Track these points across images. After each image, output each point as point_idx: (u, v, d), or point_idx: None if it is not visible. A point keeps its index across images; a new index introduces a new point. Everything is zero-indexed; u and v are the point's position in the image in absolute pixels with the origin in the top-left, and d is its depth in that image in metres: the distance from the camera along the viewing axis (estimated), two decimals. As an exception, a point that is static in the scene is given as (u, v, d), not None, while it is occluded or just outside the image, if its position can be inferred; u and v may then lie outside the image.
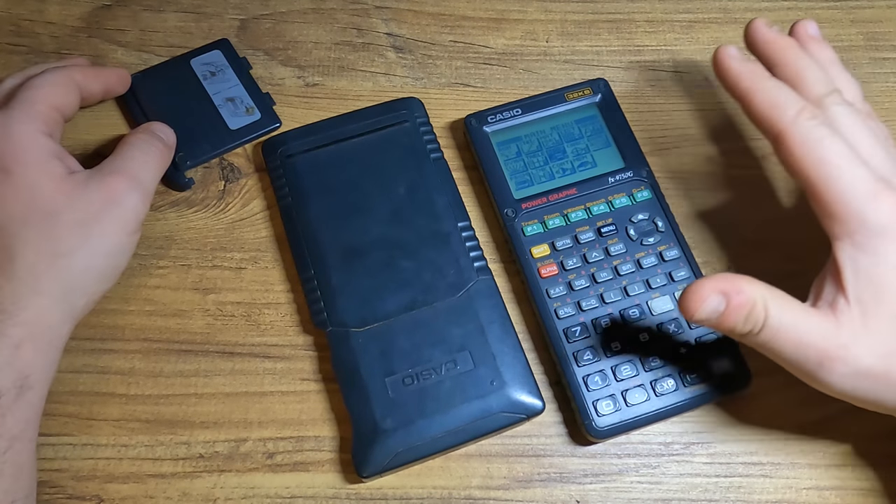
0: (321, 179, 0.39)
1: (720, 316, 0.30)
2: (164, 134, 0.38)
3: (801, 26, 0.37)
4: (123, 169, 0.35)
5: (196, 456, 0.35)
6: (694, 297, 0.29)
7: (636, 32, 0.47)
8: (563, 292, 0.37)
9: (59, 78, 0.36)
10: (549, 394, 0.37)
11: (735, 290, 0.29)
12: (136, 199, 0.34)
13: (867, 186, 0.30)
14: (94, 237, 0.33)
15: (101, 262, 0.34)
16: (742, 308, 0.29)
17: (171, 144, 0.39)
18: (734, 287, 0.29)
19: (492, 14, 0.47)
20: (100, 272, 0.34)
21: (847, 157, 0.30)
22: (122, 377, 0.37)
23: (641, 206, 0.39)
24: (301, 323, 0.38)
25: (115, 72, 0.41)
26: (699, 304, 0.29)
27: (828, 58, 0.35)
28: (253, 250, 0.40)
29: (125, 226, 0.34)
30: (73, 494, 0.34)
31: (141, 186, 0.35)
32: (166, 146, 0.38)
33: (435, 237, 0.38)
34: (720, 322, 0.30)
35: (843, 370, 0.29)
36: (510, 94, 0.44)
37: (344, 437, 0.36)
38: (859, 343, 0.29)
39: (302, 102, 0.44)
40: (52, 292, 0.32)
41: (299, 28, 0.46)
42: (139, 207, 0.34)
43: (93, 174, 0.34)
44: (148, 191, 0.35)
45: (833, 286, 0.30)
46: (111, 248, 0.34)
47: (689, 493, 0.35)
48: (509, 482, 0.35)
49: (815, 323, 0.29)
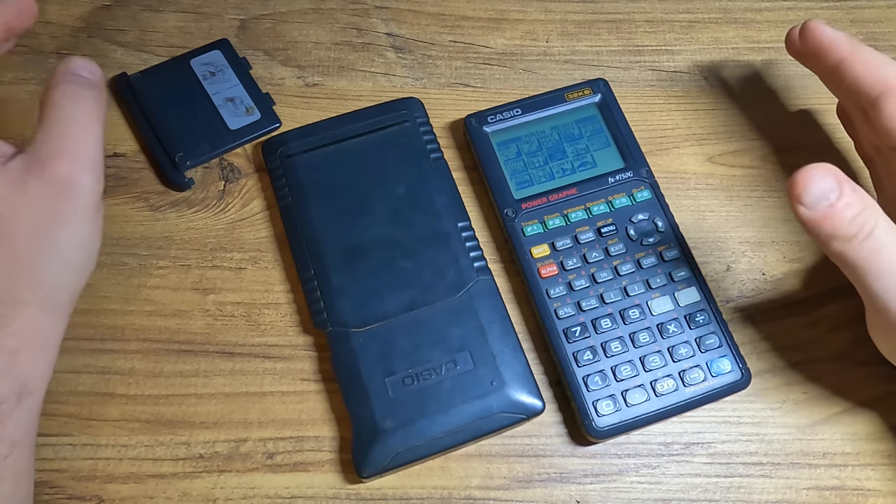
0: (321, 179, 0.39)
1: (829, 207, 0.27)
2: (88, 73, 0.32)
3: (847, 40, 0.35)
4: (61, 148, 0.30)
5: (196, 456, 0.35)
6: (805, 175, 0.27)
7: (636, 32, 0.47)
8: (563, 292, 0.37)
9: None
10: (549, 394, 0.37)
11: (850, 186, 0.27)
12: (86, 181, 0.30)
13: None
14: (53, 236, 0.30)
15: (73, 255, 0.31)
16: (856, 204, 0.27)
17: (98, 80, 0.32)
18: (849, 182, 0.27)
19: (492, 14, 0.47)
20: (75, 265, 0.31)
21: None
22: (122, 377, 0.37)
23: (641, 206, 0.39)
24: (301, 323, 0.38)
25: (14, 4, 0.33)
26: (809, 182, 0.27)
27: None
28: (253, 250, 0.40)
29: (84, 213, 0.30)
30: (73, 494, 0.34)
31: (87, 162, 0.30)
32: (95, 88, 0.32)
33: (435, 237, 0.38)
34: (827, 214, 0.27)
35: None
36: (510, 94, 0.44)
37: (344, 437, 0.36)
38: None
39: (302, 102, 0.44)
40: (32, 299, 0.30)
41: (299, 28, 0.46)
42: (94, 185, 0.30)
43: (30, 166, 0.29)
44: (96, 162, 0.31)
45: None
46: (77, 240, 0.31)
47: (689, 493, 0.35)
48: (509, 482, 0.35)
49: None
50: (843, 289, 0.37)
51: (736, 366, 0.36)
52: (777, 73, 0.46)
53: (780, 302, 0.39)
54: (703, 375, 0.36)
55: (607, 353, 0.36)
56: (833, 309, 0.39)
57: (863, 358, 0.38)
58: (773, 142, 0.43)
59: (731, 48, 0.46)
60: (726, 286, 0.39)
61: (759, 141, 0.43)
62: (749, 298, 0.39)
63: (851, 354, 0.38)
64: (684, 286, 0.37)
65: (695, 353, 0.36)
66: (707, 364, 0.36)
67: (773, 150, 0.43)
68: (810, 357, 0.38)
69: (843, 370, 0.37)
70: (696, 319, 0.37)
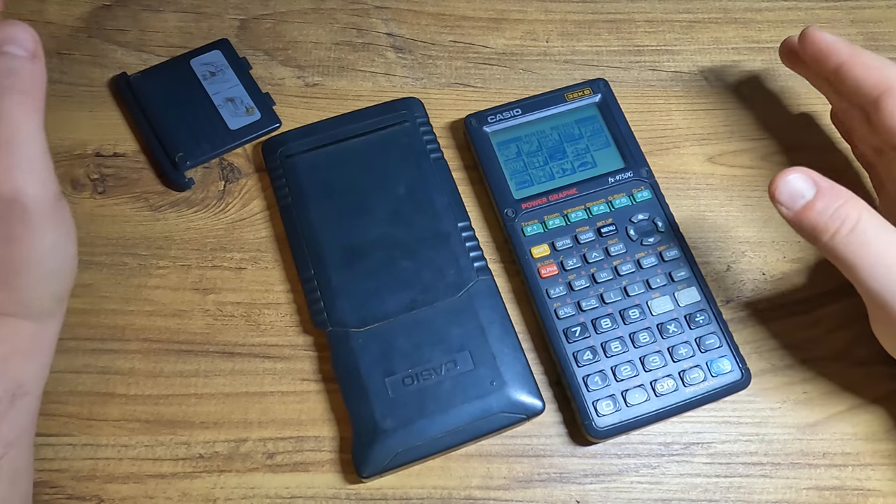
0: (321, 179, 0.39)
1: (805, 204, 0.28)
2: (15, 45, 0.27)
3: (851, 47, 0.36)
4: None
5: (196, 456, 0.35)
6: (780, 175, 0.28)
7: (636, 32, 0.47)
8: (563, 292, 0.37)
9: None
10: (549, 394, 0.37)
11: (828, 183, 0.28)
12: (30, 189, 0.26)
13: None
14: (15, 256, 0.27)
15: (44, 265, 0.28)
16: (832, 199, 0.28)
17: (33, 51, 0.27)
18: (827, 181, 0.28)
19: (492, 14, 0.47)
20: (50, 272, 0.28)
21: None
22: (122, 377, 0.37)
23: (641, 206, 0.39)
24: (301, 323, 0.38)
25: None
26: (783, 182, 0.28)
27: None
28: (253, 250, 0.40)
29: (39, 221, 0.26)
30: (72, 494, 0.34)
31: (22, 162, 0.26)
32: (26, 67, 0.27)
33: (435, 237, 0.38)
34: (805, 210, 0.28)
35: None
36: (510, 94, 0.44)
37: (344, 437, 0.36)
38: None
39: (302, 102, 0.44)
40: (15, 311, 0.29)
41: (299, 28, 0.46)
42: (39, 192, 0.26)
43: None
44: (34, 165, 0.26)
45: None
46: (44, 249, 0.27)
47: (689, 493, 0.35)
48: (509, 482, 0.35)
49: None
50: (843, 288, 0.37)
51: (736, 366, 0.36)
52: (777, 73, 0.46)
53: (780, 302, 0.39)
54: (703, 375, 0.36)
55: (607, 353, 0.36)
56: (833, 309, 0.39)
57: (863, 358, 0.38)
58: (773, 142, 0.43)
59: (731, 48, 0.46)
60: (726, 286, 0.39)
61: (760, 141, 0.43)
62: (749, 298, 0.39)
63: (852, 354, 0.38)
64: (684, 286, 0.37)
65: (695, 353, 0.36)
66: (707, 364, 0.36)
67: (773, 150, 0.43)
68: (810, 357, 0.38)
69: (844, 370, 0.37)
70: (696, 319, 0.37)
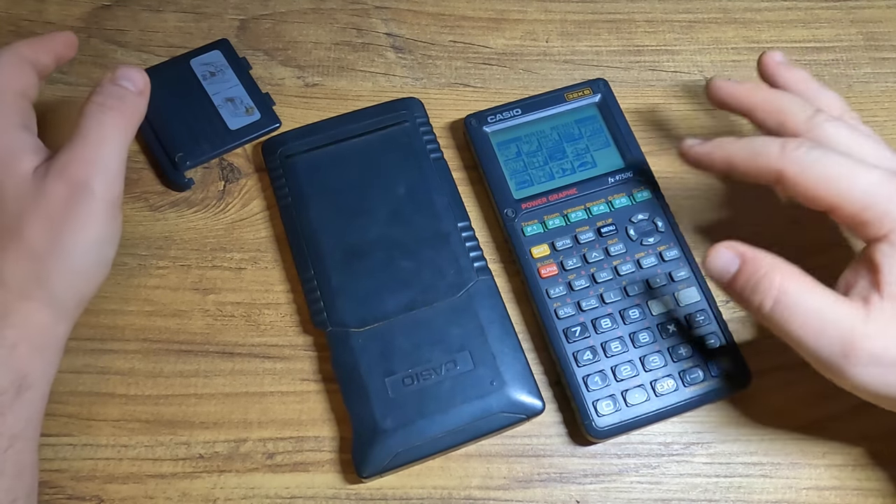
0: (321, 179, 0.39)
1: (731, 278, 0.30)
2: (128, 81, 0.34)
3: (768, 56, 0.37)
4: (79, 155, 0.31)
5: (196, 456, 0.35)
6: (711, 251, 0.31)
7: (636, 32, 0.47)
8: (563, 292, 0.37)
9: (11, 59, 0.33)
10: (549, 394, 0.37)
11: (752, 255, 0.30)
12: (100, 186, 0.31)
13: (887, 186, 0.30)
14: (65, 236, 0.31)
15: (83, 258, 0.32)
16: (753, 273, 0.30)
17: (140, 88, 0.34)
18: (752, 252, 0.30)
19: (492, 14, 0.47)
20: (84, 268, 0.32)
21: (853, 166, 0.30)
22: (122, 377, 0.37)
23: (641, 206, 0.39)
24: (301, 323, 0.38)
25: (62, 37, 0.37)
26: (712, 257, 0.31)
27: (800, 77, 0.36)
28: (253, 250, 0.40)
29: (96, 216, 0.31)
30: (72, 495, 0.34)
31: (102, 169, 0.32)
32: (131, 98, 0.34)
33: (435, 237, 0.38)
34: (731, 284, 0.30)
35: (868, 360, 0.28)
36: (510, 94, 0.44)
37: (344, 437, 0.36)
38: (889, 334, 0.28)
39: (302, 102, 0.44)
40: (37, 295, 0.31)
41: (299, 28, 0.46)
42: (106, 193, 0.32)
43: (51, 166, 0.31)
44: (113, 170, 0.32)
45: (867, 282, 0.30)
46: (89, 242, 0.32)
47: (689, 493, 0.35)
48: (509, 482, 0.35)
49: (842, 311, 0.29)
50: (843, 289, 0.37)
51: (736, 366, 0.36)
52: (777, 73, 0.46)
53: (780, 302, 0.39)
54: (703, 375, 0.36)
55: (607, 353, 0.36)
56: (833, 309, 0.39)
57: (863, 358, 0.38)
58: (773, 142, 0.43)
59: (731, 48, 0.46)
60: (726, 286, 0.39)
61: (759, 141, 0.43)
62: (749, 298, 0.39)
63: (851, 354, 0.38)
64: (684, 286, 0.37)
65: (694, 353, 0.36)
66: (707, 364, 0.36)
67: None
68: (810, 357, 0.38)
69: (843, 370, 0.37)
70: (696, 319, 0.37)
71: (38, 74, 0.35)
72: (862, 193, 0.30)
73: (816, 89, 0.36)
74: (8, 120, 0.32)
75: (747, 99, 0.35)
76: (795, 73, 0.36)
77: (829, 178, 0.30)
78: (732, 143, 0.33)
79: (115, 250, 0.33)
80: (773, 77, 0.37)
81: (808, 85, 0.36)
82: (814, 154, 0.31)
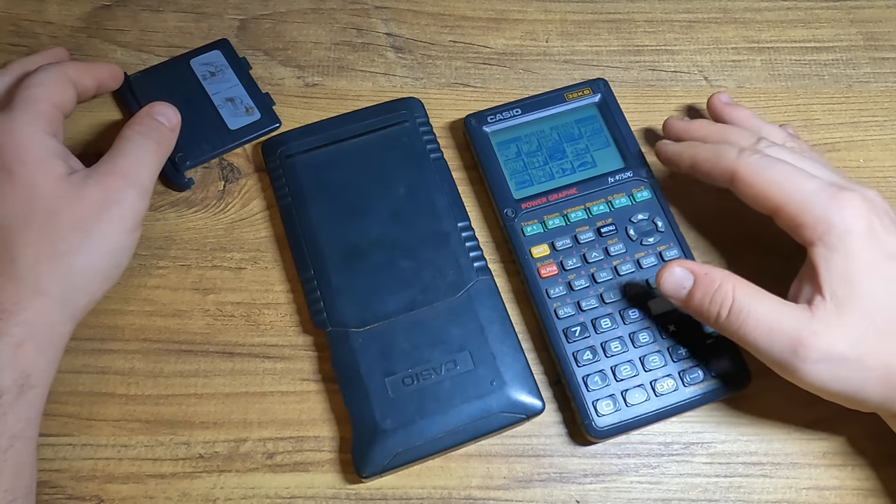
0: (321, 179, 0.39)
1: (687, 293, 0.33)
2: (164, 117, 0.38)
3: (715, 98, 0.41)
4: (119, 168, 0.35)
5: (196, 456, 0.35)
6: (663, 271, 0.33)
7: (636, 32, 0.47)
8: (563, 292, 0.37)
9: (56, 75, 0.36)
10: (549, 394, 0.37)
11: (703, 271, 0.33)
12: (133, 198, 0.34)
13: (825, 193, 0.32)
14: (93, 236, 0.33)
15: (102, 262, 0.34)
16: (709, 286, 0.32)
17: (173, 126, 0.38)
18: (704, 268, 0.33)
19: (492, 14, 0.47)
20: (101, 271, 0.34)
21: (797, 174, 0.33)
22: (122, 377, 0.37)
23: (641, 206, 0.39)
24: (301, 323, 0.38)
25: (108, 67, 0.41)
26: (665, 276, 0.33)
27: (744, 115, 0.40)
28: (253, 250, 0.40)
29: (124, 224, 0.34)
30: (72, 494, 0.34)
31: (137, 184, 0.35)
32: (165, 132, 0.37)
33: (435, 237, 0.38)
34: (688, 299, 0.33)
35: (817, 356, 0.30)
36: (510, 94, 0.44)
37: (344, 437, 0.36)
38: (833, 331, 0.31)
39: (302, 102, 0.44)
40: (53, 292, 0.32)
41: (299, 28, 0.46)
42: (137, 205, 0.34)
43: (91, 173, 0.34)
44: (145, 188, 0.35)
45: (810, 286, 0.32)
46: (111, 248, 0.34)
47: (689, 493, 0.35)
48: (509, 482, 0.35)
49: (789, 313, 0.31)
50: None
51: (736, 366, 0.36)
52: (777, 72, 0.46)
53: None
54: (703, 375, 0.36)
55: (607, 353, 0.36)
56: (833, 309, 0.39)
57: (863, 358, 0.38)
58: (772, 142, 0.43)
59: (731, 48, 0.46)
60: (726, 286, 0.39)
61: (759, 141, 0.43)
62: (749, 298, 0.39)
63: (851, 354, 0.38)
64: (684, 286, 0.37)
65: (694, 353, 0.36)
66: (707, 364, 0.36)
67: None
68: (810, 357, 0.38)
69: (843, 370, 0.37)
70: (696, 319, 0.37)
71: (79, 95, 0.38)
72: (802, 197, 0.33)
73: (760, 123, 0.39)
74: (40, 126, 0.34)
75: (697, 132, 0.39)
76: (741, 111, 0.40)
77: (775, 182, 0.33)
78: (698, 146, 0.37)
79: (128, 261, 0.35)
80: (721, 115, 0.41)
81: (752, 121, 0.40)
82: (765, 161, 0.34)
